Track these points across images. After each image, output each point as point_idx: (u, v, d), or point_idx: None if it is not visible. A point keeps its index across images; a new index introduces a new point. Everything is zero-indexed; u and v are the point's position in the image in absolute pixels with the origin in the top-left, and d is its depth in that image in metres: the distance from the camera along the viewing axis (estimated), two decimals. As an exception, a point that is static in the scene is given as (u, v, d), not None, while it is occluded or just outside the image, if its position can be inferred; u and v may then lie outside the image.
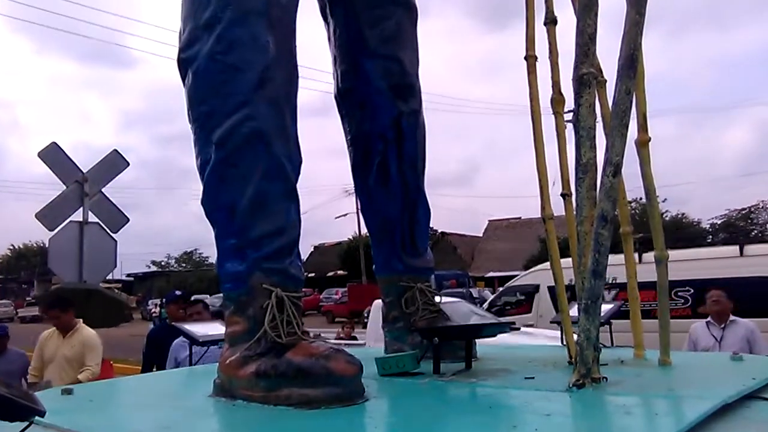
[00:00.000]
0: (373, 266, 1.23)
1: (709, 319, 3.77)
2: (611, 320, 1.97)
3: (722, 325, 3.70)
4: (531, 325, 5.85)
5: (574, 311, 0.87)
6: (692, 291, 5.58)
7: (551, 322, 4.35)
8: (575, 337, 0.75)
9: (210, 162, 0.86)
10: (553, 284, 0.98)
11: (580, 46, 0.75)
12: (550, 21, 1.00)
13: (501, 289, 8.76)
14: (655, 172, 0.93)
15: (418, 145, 1.18)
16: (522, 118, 1.04)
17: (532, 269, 7.43)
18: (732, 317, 3.73)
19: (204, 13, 0.86)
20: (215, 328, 1.64)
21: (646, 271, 1.00)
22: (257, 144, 0.85)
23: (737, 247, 5.77)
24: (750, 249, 5.74)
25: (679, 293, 5.63)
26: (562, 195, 1.01)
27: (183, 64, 0.89)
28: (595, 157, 0.75)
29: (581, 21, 0.75)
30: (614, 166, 0.69)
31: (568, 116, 0.88)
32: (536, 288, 6.59)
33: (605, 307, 1.23)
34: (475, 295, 15.86)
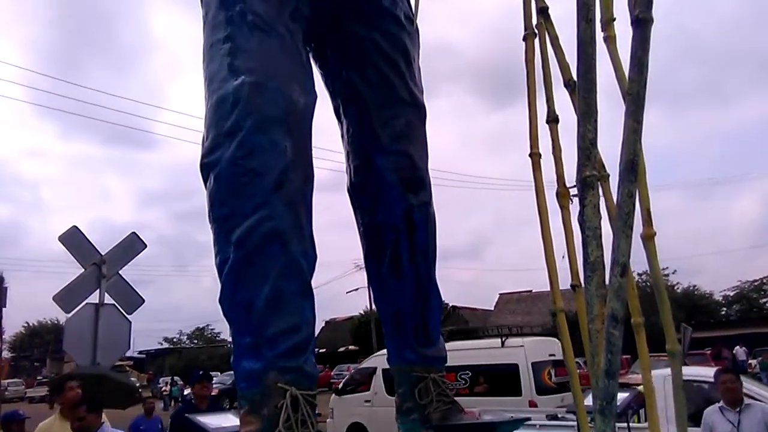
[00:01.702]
0: (386, 356, 1.24)
1: (721, 403, 3.66)
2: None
3: (737, 409, 3.59)
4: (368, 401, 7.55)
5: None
6: (470, 374, 6.95)
7: (567, 412, 4.40)
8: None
9: (229, 261, 0.89)
10: (386, 367, 0.98)
11: (582, 149, 0.78)
12: (552, 120, 1.05)
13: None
14: (665, 243, 0.94)
15: (429, 236, 1.21)
16: (528, 193, 1.08)
17: (373, 355, 8.97)
18: (746, 401, 3.62)
19: (227, 122, 0.92)
20: (229, 420, 1.62)
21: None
22: (274, 243, 0.89)
23: (500, 340, 7.17)
24: (509, 342, 7.13)
25: (461, 375, 6.96)
26: (572, 286, 1.02)
27: (205, 169, 0.94)
28: (603, 255, 0.77)
29: (582, 127, 0.79)
30: (621, 267, 0.71)
31: (573, 190, 0.91)
32: (374, 370, 7.88)
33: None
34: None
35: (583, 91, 0.78)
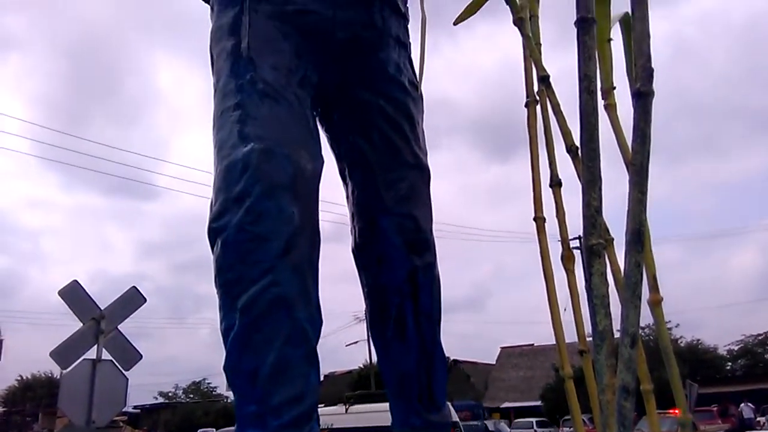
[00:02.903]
0: (390, 421, 1.21)
1: None
2: None
3: None
4: None
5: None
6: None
7: None
8: None
9: (234, 328, 0.89)
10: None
11: (587, 218, 0.79)
12: (555, 183, 1.06)
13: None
14: (666, 296, 0.94)
15: (434, 298, 1.21)
16: (529, 245, 1.09)
17: (324, 412, 9.46)
18: None
19: (235, 188, 0.93)
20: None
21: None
22: (280, 309, 0.88)
23: (343, 406, 8.21)
24: (352, 408, 8.15)
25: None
26: (580, 352, 1.01)
27: (213, 234, 0.94)
28: (611, 324, 0.77)
29: (586, 195, 0.79)
30: (631, 337, 0.71)
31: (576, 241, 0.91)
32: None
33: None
34: (491, 429, 15.12)
35: (587, 159, 0.79)
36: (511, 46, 1.10)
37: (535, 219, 1.04)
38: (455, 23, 1.26)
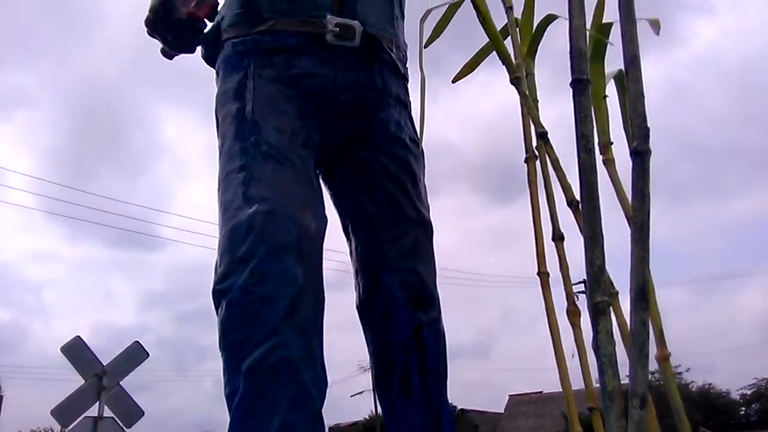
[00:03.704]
0: None
1: None
2: None
3: None
4: None
5: None
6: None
7: None
8: None
9: (239, 392, 0.88)
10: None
11: (591, 275, 0.79)
12: (558, 237, 1.07)
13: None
14: (675, 339, 0.93)
15: (440, 354, 1.20)
16: (535, 290, 1.08)
17: None
18: None
19: (240, 249, 0.94)
20: None
21: None
22: (285, 372, 0.88)
23: None
24: None
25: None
26: (589, 409, 1.00)
27: (217, 296, 0.95)
28: (620, 383, 0.76)
29: (589, 252, 0.80)
30: (640, 398, 0.70)
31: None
32: None
33: None
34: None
35: (588, 217, 0.80)
36: (509, 94, 1.12)
37: (539, 274, 1.04)
38: (454, 81, 1.29)
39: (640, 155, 0.76)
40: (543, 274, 1.03)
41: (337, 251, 1.34)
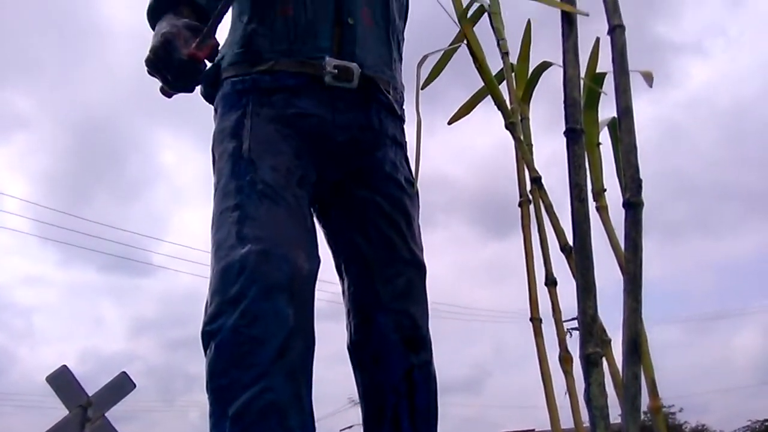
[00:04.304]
0: None
1: None
2: None
3: None
4: None
5: None
6: None
7: None
8: None
9: None
10: None
11: (584, 325, 0.79)
12: (551, 283, 1.07)
13: None
14: (668, 380, 0.92)
15: (431, 397, 1.18)
16: (528, 326, 1.07)
17: None
18: None
19: (231, 289, 0.93)
20: None
21: None
22: (273, 417, 0.86)
23: None
24: None
25: None
26: (582, 458, 0.98)
27: (206, 337, 0.94)
28: (611, 435, 0.75)
29: (582, 303, 0.80)
30: (632, 452, 0.69)
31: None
32: None
33: None
34: None
35: (581, 267, 0.80)
36: (506, 131, 1.12)
37: (531, 320, 1.03)
38: (449, 123, 1.30)
39: (633, 206, 0.77)
40: (535, 320, 1.02)
41: (330, 282, 1.33)
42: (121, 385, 4.16)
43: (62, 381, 3.96)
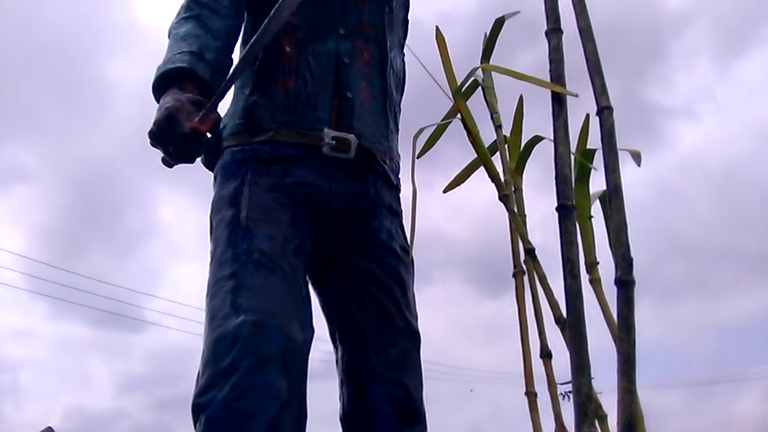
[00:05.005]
0: None
1: None
2: None
3: None
4: None
5: None
6: None
7: None
8: None
9: None
10: None
11: (578, 405, 0.78)
12: (546, 355, 1.06)
13: None
14: None
15: None
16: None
17: None
18: None
19: (223, 361, 0.92)
20: None
21: None
22: None
23: None
24: None
25: None
26: None
27: (196, 410, 0.92)
28: None
29: (576, 380, 0.79)
30: None
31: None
32: None
33: None
34: None
35: (575, 345, 0.80)
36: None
37: (526, 394, 1.02)
38: (445, 191, 1.32)
39: (625, 285, 0.77)
40: (530, 394, 1.02)
41: (323, 340, 1.32)
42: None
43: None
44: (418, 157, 1.25)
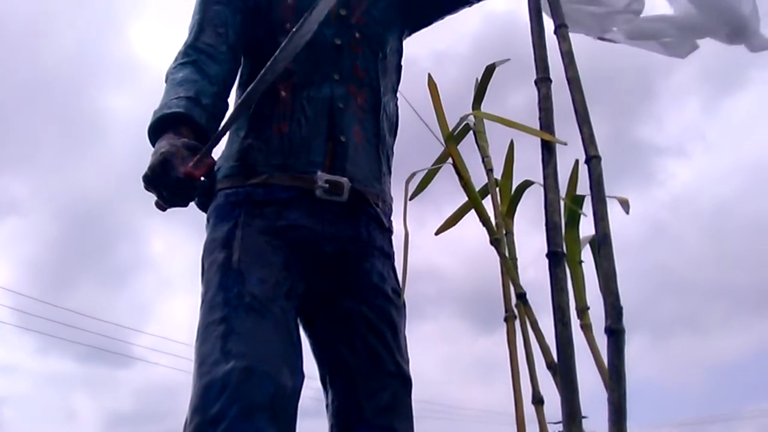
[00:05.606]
0: None
1: None
2: None
3: None
4: None
5: None
6: None
7: None
8: None
9: None
10: None
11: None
12: (538, 401, 1.06)
13: None
14: None
15: None
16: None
17: None
18: None
19: (211, 409, 0.91)
20: None
21: None
22: None
23: None
24: None
25: None
26: None
27: None
28: None
29: (567, 428, 0.79)
30: None
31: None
32: None
33: None
34: None
35: (566, 392, 0.80)
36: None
37: (518, 440, 1.01)
38: (436, 233, 1.33)
39: (615, 334, 0.78)
40: (522, 439, 1.01)
41: (315, 378, 1.31)
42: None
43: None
44: (410, 200, 1.27)
